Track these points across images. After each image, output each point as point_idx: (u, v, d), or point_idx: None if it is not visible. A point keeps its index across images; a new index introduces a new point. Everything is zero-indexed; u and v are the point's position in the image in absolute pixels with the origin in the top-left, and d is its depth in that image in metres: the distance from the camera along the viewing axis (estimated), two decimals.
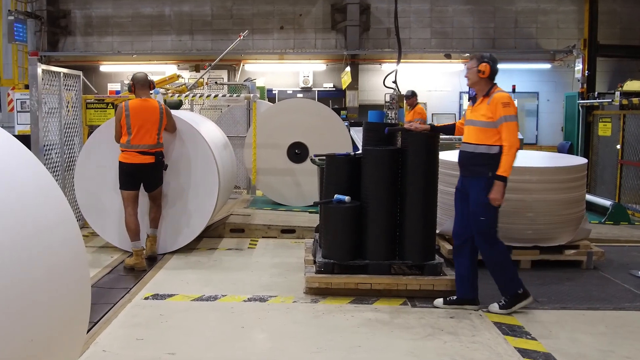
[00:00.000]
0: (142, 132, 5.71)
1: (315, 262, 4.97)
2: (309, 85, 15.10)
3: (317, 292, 4.79)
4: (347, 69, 13.94)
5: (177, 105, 8.41)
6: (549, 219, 5.52)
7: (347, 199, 4.82)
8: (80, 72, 7.77)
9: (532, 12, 14.67)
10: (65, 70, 7.27)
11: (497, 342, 3.89)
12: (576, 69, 13.24)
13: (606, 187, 10.07)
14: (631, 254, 6.21)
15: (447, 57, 13.43)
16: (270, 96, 14.29)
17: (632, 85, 9.61)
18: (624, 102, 9.44)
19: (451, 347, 3.81)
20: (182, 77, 9.57)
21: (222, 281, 5.28)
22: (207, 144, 6.17)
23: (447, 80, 14.84)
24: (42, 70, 6.59)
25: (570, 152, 12.57)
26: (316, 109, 8.78)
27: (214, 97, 8.72)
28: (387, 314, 4.40)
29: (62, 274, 2.21)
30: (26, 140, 5.13)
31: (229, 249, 6.55)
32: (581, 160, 6.14)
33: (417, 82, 14.51)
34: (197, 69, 14.74)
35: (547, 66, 14.79)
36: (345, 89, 14.41)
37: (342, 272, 4.81)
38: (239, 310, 4.51)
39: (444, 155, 5.42)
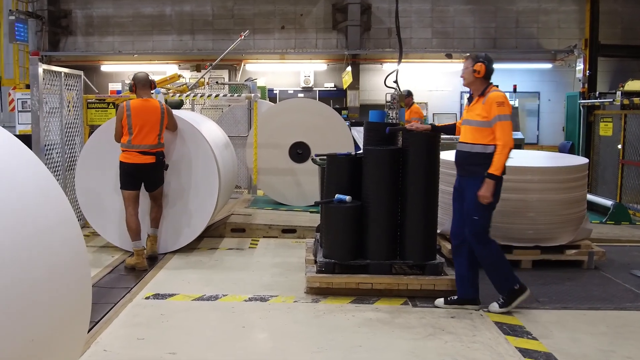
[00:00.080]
0: (144, 132, 5.71)
1: (316, 262, 4.97)
2: (310, 85, 15.08)
3: (318, 292, 4.79)
4: (348, 68, 13.93)
5: (178, 105, 8.43)
6: (550, 219, 5.52)
7: (348, 198, 4.83)
8: (81, 72, 7.78)
9: (533, 12, 14.65)
10: (66, 70, 7.28)
11: (498, 342, 3.88)
12: (577, 68, 13.24)
13: (607, 187, 10.07)
14: (632, 254, 6.21)
15: (448, 57, 13.41)
16: (271, 96, 14.27)
17: (633, 85, 9.59)
18: (625, 102, 9.43)
19: (452, 347, 3.81)
20: (183, 77, 9.57)
21: (223, 281, 5.29)
22: (208, 144, 6.17)
23: (448, 80, 14.82)
24: (43, 70, 6.59)
25: (571, 152, 12.56)
26: (318, 108, 8.78)
27: (215, 97, 8.73)
28: (388, 314, 4.40)
29: (63, 274, 2.21)
30: (27, 140, 5.15)
31: (230, 248, 6.55)
32: (582, 160, 6.14)
33: (418, 81, 14.51)
34: (198, 68, 14.73)
35: (548, 66, 14.77)
36: (346, 88, 14.39)
37: (343, 272, 4.81)
38: (239, 310, 4.51)
39: (445, 155, 5.41)
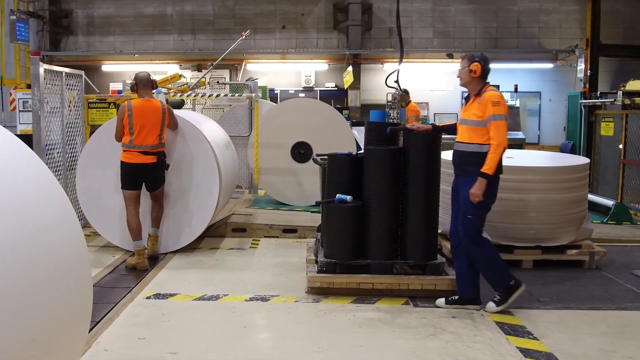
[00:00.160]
0: (145, 132, 5.71)
1: (317, 262, 4.97)
2: (311, 85, 15.08)
3: (319, 292, 4.79)
4: (349, 68, 13.92)
5: (179, 104, 8.42)
6: (551, 219, 5.51)
7: (349, 198, 4.82)
8: (82, 72, 7.78)
9: (535, 11, 14.64)
10: (67, 69, 7.28)
11: (499, 342, 3.88)
12: (578, 68, 13.23)
13: (608, 186, 10.07)
14: (633, 254, 6.20)
15: (449, 56, 13.39)
16: (272, 96, 14.27)
17: (634, 84, 9.58)
18: (627, 101, 9.42)
19: (453, 347, 3.81)
20: (184, 77, 9.58)
21: (224, 281, 5.28)
22: (209, 144, 6.17)
23: (449, 79, 14.79)
24: (44, 69, 6.59)
25: (572, 151, 12.55)
26: (320, 108, 8.77)
27: (216, 96, 8.74)
28: (389, 314, 4.40)
29: (64, 274, 2.21)
30: (28, 139, 5.14)
31: (231, 248, 6.55)
32: (583, 160, 6.13)
33: (419, 81, 14.51)
34: (199, 68, 14.72)
35: (549, 66, 14.75)
36: (347, 88, 14.38)
37: (344, 272, 4.81)
38: (240, 309, 4.51)
39: (446, 154, 5.41)
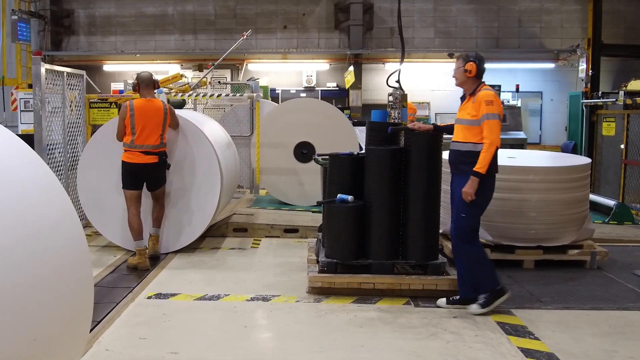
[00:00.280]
0: (146, 132, 5.71)
1: (318, 262, 4.96)
2: (312, 84, 15.07)
3: (320, 292, 4.79)
4: (351, 68, 13.92)
5: (181, 104, 8.42)
6: (552, 219, 5.51)
7: (350, 198, 4.82)
8: (83, 72, 7.78)
9: (536, 11, 14.62)
10: (68, 69, 7.29)
11: (500, 342, 3.88)
12: (580, 68, 13.21)
13: (610, 186, 10.05)
14: (635, 254, 6.19)
15: (451, 56, 13.36)
16: (273, 96, 14.27)
17: (636, 84, 9.57)
18: (628, 101, 9.40)
19: (454, 347, 3.80)
20: (185, 77, 9.59)
21: (225, 280, 5.28)
22: (210, 144, 6.17)
23: (451, 79, 14.63)
24: (45, 69, 6.59)
25: (574, 151, 12.53)
26: (322, 108, 8.77)
27: (217, 96, 8.74)
28: (390, 314, 4.40)
29: (65, 273, 2.21)
30: (29, 139, 5.15)
31: (232, 248, 6.55)
32: (585, 160, 6.12)
33: (420, 81, 14.49)
34: (200, 68, 14.72)
35: (550, 66, 14.73)
36: (348, 88, 14.37)
37: (345, 272, 4.81)
38: (241, 309, 4.51)
39: (447, 154, 5.40)
